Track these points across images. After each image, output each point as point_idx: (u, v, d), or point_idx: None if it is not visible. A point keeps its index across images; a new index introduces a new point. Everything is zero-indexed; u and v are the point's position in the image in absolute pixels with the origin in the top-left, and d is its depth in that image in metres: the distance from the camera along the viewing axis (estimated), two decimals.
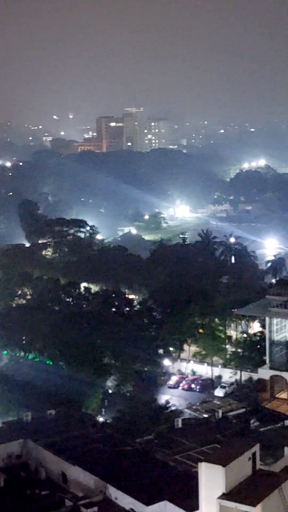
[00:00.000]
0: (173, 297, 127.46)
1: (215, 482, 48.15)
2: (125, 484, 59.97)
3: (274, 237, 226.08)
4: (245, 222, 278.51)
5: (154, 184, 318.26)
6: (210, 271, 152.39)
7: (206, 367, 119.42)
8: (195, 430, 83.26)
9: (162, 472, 63.68)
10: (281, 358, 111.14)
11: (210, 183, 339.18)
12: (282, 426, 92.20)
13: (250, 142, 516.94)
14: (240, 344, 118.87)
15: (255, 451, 50.90)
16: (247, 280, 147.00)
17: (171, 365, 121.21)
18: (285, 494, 48.76)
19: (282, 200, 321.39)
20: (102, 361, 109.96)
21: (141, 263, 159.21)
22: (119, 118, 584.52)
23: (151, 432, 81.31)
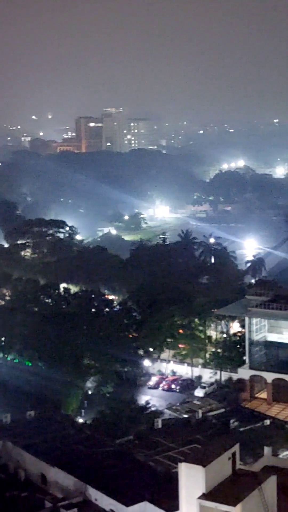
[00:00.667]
0: (153, 298, 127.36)
1: (195, 482, 48.04)
2: (105, 485, 59.72)
3: (253, 237, 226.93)
4: (224, 222, 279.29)
5: (133, 185, 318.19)
6: (190, 271, 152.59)
7: (186, 368, 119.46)
8: (175, 431, 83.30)
9: (142, 473, 63.50)
10: (260, 358, 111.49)
11: (189, 183, 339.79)
12: (262, 425, 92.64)
13: (229, 143, 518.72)
14: (220, 344, 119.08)
15: (235, 451, 50.86)
16: (227, 280, 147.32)
17: (151, 366, 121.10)
18: (265, 494, 48.78)
19: (261, 201, 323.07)
20: (81, 362, 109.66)
21: (120, 264, 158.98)
22: (98, 118, 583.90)
23: (131, 432, 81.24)
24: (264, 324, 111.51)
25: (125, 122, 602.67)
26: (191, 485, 48.27)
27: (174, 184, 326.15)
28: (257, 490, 48.36)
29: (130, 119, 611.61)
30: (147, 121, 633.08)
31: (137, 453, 70.59)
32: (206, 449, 52.23)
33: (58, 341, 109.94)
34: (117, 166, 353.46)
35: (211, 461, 48.69)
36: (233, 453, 50.67)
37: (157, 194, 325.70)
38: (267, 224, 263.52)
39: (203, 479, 47.87)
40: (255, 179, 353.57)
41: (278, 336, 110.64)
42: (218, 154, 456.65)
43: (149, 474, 63.30)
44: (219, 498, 47.26)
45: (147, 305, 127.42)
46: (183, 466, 49.11)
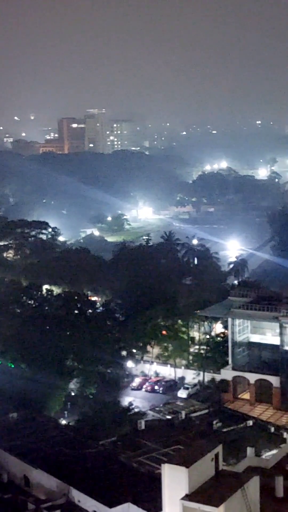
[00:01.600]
0: (136, 299, 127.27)
1: (178, 483, 48.09)
2: (88, 487, 59.70)
3: (236, 238, 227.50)
4: (207, 223, 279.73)
5: (116, 186, 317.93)
6: (173, 272, 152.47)
7: (169, 369, 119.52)
8: (158, 432, 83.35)
9: (125, 474, 63.54)
10: (243, 359, 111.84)
11: (172, 184, 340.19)
12: (245, 426, 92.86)
13: (212, 144, 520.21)
14: (203, 345, 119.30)
15: (218, 452, 50.98)
16: (210, 282, 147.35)
17: (134, 367, 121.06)
18: (247, 494, 48.93)
19: (244, 202, 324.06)
20: (64, 363, 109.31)
21: (103, 265, 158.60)
22: (81, 119, 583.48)
23: (114, 434, 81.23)
24: (247, 325, 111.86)
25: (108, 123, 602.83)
26: (174, 486, 48.32)
27: (157, 185, 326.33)
28: (240, 490, 48.51)
29: (113, 120, 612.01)
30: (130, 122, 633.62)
31: (120, 455, 70.62)
32: (189, 450, 52.32)
33: (41, 343, 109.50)
34: (100, 167, 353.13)
35: (194, 462, 48.77)
36: (216, 454, 50.78)
37: (140, 196, 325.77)
38: (250, 225, 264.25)
39: (186, 480, 47.94)
40: (238, 181, 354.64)
41: (260, 337, 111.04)
42: (201, 156, 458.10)
43: (132, 476, 63.36)
44: (202, 499, 47.35)
45: (130, 306, 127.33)
46: (166, 467, 49.16)
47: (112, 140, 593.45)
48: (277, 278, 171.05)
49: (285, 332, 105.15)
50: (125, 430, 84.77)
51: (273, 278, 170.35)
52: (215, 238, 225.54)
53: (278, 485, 56.69)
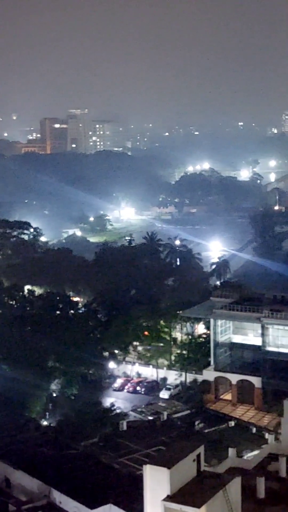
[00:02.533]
0: (118, 300, 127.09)
1: (160, 484, 47.93)
2: (69, 488, 59.41)
3: (218, 239, 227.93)
4: (190, 224, 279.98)
5: (99, 186, 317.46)
6: (155, 273, 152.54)
7: (151, 369, 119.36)
8: (140, 433, 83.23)
9: (106, 475, 63.32)
10: (225, 360, 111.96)
11: (155, 185, 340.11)
12: (226, 427, 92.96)
13: (194, 145, 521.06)
14: (185, 346, 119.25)
15: (200, 453, 50.87)
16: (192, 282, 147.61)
17: (116, 368, 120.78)
18: (229, 495, 48.87)
19: (226, 203, 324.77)
20: (46, 364, 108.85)
21: (86, 266, 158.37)
22: (63, 120, 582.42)
23: (96, 435, 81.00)
24: (229, 326, 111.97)
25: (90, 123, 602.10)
26: (156, 487, 48.15)
27: (139, 186, 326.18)
28: (222, 491, 48.43)
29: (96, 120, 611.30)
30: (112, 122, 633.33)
31: (101, 456, 70.40)
32: (171, 451, 52.16)
33: (23, 343, 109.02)
34: (82, 168, 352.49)
35: (176, 463, 48.63)
36: (198, 454, 50.67)
37: (122, 196, 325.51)
38: (232, 226, 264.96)
39: (167, 481, 47.78)
40: (220, 182, 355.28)
41: (242, 338, 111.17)
42: (183, 156, 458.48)
43: (113, 477, 63.16)
44: (184, 500, 47.21)
45: (112, 307, 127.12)
46: (148, 468, 48.98)
47: (94, 141, 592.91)
48: (259, 279, 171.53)
49: (267, 333, 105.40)
50: (107, 431, 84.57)
51: (255, 279, 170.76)
52: (197, 239, 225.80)
53: (260, 486, 56.74)
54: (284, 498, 57.55)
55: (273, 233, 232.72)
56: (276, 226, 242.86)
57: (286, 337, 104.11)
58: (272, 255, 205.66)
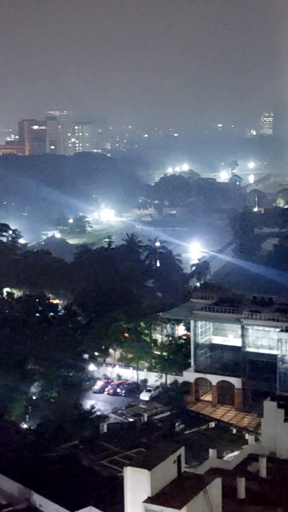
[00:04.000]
0: (98, 302, 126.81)
1: (141, 486, 47.84)
2: (49, 491, 59.09)
3: (198, 241, 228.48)
4: (169, 226, 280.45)
5: (78, 188, 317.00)
6: (135, 275, 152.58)
7: (132, 371, 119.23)
8: (120, 435, 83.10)
9: (87, 478, 63.09)
10: (205, 361, 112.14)
11: (134, 187, 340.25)
12: (207, 428, 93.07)
13: (174, 147, 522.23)
14: (166, 347, 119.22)
15: (180, 454, 50.85)
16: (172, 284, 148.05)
17: (96, 370, 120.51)
18: (210, 496, 48.89)
19: (205, 205, 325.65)
20: (25, 366, 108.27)
21: (65, 268, 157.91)
22: (42, 121, 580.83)
23: (76, 437, 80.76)
24: (209, 327, 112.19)
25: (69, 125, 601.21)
26: (137, 488, 48.05)
27: (119, 187, 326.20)
28: (202, 492, 48.42)
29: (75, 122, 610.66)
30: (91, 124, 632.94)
31: (82, 458, 70.16)
32: (151, 453, 52.07)
33: (2, 346, 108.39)
34: (61, 169, 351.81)
35: (156, 464, 48.56)
36: (179, 456, 50.64)
37: (102, 198, 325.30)
38: (211, 228, 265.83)
39: (148, 482, 47.71)
40: (200, 183, 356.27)
41: (222, 339, 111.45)
42: (163, 158, 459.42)
43: (94, 479, 62.96)
44: (165, 501, 47.15)
45: (92, 309, 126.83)
46: (129, 470, 48.87)
47: (73, 142, 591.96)
48: (238, 280, 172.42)
49: (247, 334, 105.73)
50: (87, 433, 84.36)
51: (235, 280, 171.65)
52: (177, 241, 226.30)
53: (240, 487, 56.86)
54: (264, 498, 57.73)
55: (253, 234, 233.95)
56: (255, 227, 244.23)
57: (266, 338, 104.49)
58: (252, 257, 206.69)
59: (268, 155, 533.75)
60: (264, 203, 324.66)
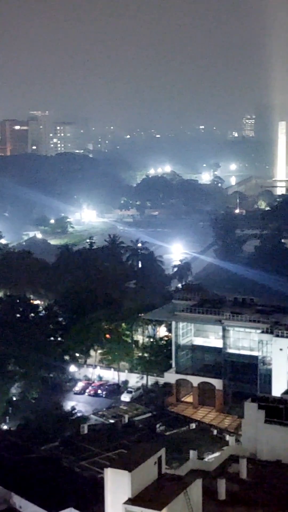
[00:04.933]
0: (79, 302, 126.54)
1: (121, 487, 47.72)
2: (29, 492, 58.81)
3: (180, 242, 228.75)
4: (151, 227, 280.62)
5: (60, 188, 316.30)
6: (117, 276, 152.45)
7: (113, 373, 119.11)
8: (101, 436, 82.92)
9: (67, 479, 62.89)
10: (186, 362, 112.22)
11: (116, 188, 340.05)
12: (188, 429, 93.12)
13: (156, 148, 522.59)
14: (147, 348, 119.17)
15: (161, 455, 50.77)
16: (154, 285, 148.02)
17: (77, 371, 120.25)
18: (190, 497, 48.88)
19: (187, 206, 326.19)
20: (6, 367, 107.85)
21: (46, 268, 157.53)
22: (23, 121, 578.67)
23: (57, 438, 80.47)
24: (191, 328, 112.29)
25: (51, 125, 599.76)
26: (117, 490, 47.93)
27: (101, 188, 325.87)
28: (183, 494, 48.39)
29: (57, 122, 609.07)
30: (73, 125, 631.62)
31: (62, 459, 69.91)
32: (132, 454, 51.98)
33: None
34: (43, 170, 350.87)
35: (137, 466, 48.46)
36: (159, 457, 50.57)
37: (83, 198, 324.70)
38: (193, 229, 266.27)
39: (128, 484, 47.60)
40: (182, 185, 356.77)
41: (204, 340, 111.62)
42: (145, 159, 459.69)
43: (74, 480, 62.76)
44: (145, 502, 47.05)
45: (74, 310, 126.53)
46: (109, 471, 48.73)
47: (55, 143, 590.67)
48: (220, 281, 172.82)
49: (228, 335, 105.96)
50: (68, 434, 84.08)
51: (216, 281, 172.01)
52: (159, 242, 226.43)
53: (221, 488, 56.84)
54: (245, 499, 57.78)
55: (234, 236, 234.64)
56: (237, 229, 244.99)
57: (247, 339, 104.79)
58: (233, 258, 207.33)
59: (250, 157, 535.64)
60: (245, 205, 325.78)
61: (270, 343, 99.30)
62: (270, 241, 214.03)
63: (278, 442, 66.04)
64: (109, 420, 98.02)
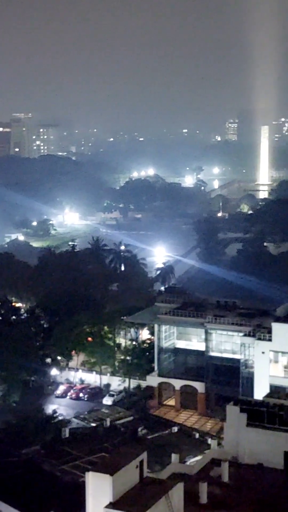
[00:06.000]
0: (61, 305, 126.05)
1: (103, 491, 47.48)
2: (10, 496, 58.37)
3: (163, 245, 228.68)
4: (134, 230, 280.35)
5: (42, 191, 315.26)
6: (99, 278, 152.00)
7: (95, 376, 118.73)
8: (83, 440, 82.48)
9: (48, 483, 62.53)
10: (169, 365, 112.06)
11: (99, 190, 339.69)
12: (169, 432, 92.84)
13: (139, 151, 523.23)
14: (129, 351, 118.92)
15: (143, 459, 50.59)
16: (137, 288, 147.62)
17: (59, 374, 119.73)
18: (172, 501, 48.71)
19: (170, 209, 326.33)
20: None
21: (28, 271, 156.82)
22: (6, 123, 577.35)
23: (38, 442, 79.91)
24: (173, 331, 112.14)
25: (34, 127, 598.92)
26: (98, 494, 47.68)
27: (84, 191, 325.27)
28: (164, 497, 48.23)
29: (40, 125, 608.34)
30: (56, 127, 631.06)
31: (44, 463, 69.45)
32: (113, 458, 51.75)
33: None
34: (26, 172, 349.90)
35: (118, 469, 48.24)
36: (141, 461, 50.39)
37: (66, 201, 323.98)
38: (176, 232, 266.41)
39: (110, 487, 47.38)
40: (165, 188, 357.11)
41: (186, 343, 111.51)
42: (128, 162, 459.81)
43: (56, 484, 62.41)
44: (126, 506, 46.84)
45: (56, 312, 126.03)
46: (90, 475, 48.47)
47: (38, 145, 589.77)
48: (203, 284, 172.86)
49: (211, 338, 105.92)
50: (49, 438, 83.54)
51: (199, 284, 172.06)
52: (142, 245, 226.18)
53: (202, 492, 56.71)
54: (226, 503, 57.67)
55: (217, 239, 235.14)
56: (219, 232, 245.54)
57: (229, 342, 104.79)
58: (216, 261, 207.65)
59: (233, 160, 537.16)
60: (228, 208, 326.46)
61: (252, 346, 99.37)
62: (253, 244, 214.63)
63: (259, 445, 66.02)
64: (90, 423, 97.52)
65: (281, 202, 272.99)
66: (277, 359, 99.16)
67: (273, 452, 65.16)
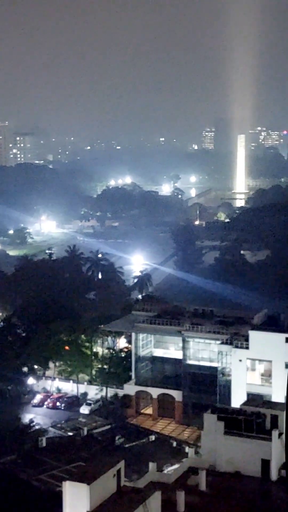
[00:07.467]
0: (38, 314, 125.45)
1: (80, 501, 47.27)
2: None
3: (140, 253, 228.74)
4: (112, 238, 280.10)
5: (19, 199, 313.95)
6: (76, 287, 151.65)
7: (72, 385, 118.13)
8: (59, 449, 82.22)
9: (25, 492, 62.10)
10: (146, 374, 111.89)
11: (77, 199, 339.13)
12: (147, 441, 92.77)
13: (116, 160, 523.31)
14: (106, 360, 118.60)
15: (120, 468, 50.50)
16: (114, 296, 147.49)
17: (36, 383, 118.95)
18: (149, 510, 48.56)
19: (148, 217, 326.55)
20: None
21: (5, 279, 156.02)
22: None
23: (15, 451, 79.44)
24: (150, 340, 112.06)
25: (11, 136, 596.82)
26: (76, 503, 47.45)
27: (61, 199, 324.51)
28: (142, 506, 48.12)
29: (16, 133, 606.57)
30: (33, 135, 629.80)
31: (20, 473, 69.05)
32: (90, 467, 51.54)
33: None
34: (2, 180, 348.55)
35: (95, 478, 48.08)
36: (118, 470, 50.28)
37: (43, 209, 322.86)
38: (153, 240, 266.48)
39: (87, 497, 47.18)
40: (142, 196, 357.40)
41: (163, 351, 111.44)
42: (105, 170, 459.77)
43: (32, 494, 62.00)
44: None
45: (32, 321, 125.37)
46: (67, 484, 48.23)
47: (15, 153, 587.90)
48: (180, 292, 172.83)
49: (188, 346, 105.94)
50: (26, 447, 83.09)
51: (176, 292, 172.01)
52: (119, 253, 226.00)
53: (180, 500, 56.65)
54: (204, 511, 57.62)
55: (194, 247, 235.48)
56: (197, 240, 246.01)
57: (206, 350, 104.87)
58: (193, 269, 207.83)
59: (209, 169, 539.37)
60: (205, 217, 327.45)
61: (229, 354, 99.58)
62: (230, 252, 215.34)
63: (237, 453, 66.13)
64: (68, 432, 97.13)
65: (258, 210, 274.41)
66: (254, 367, 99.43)
67: (250, 460, 65.31)
